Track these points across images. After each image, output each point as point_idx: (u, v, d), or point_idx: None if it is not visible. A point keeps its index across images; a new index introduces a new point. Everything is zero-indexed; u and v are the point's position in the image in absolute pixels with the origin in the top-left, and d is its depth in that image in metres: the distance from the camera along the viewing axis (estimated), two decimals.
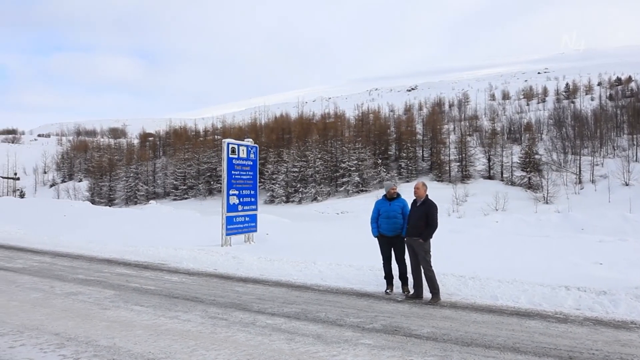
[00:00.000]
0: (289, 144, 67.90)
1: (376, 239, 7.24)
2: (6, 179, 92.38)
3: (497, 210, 41.71)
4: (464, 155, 57.62)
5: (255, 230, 12.80)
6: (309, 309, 5.93)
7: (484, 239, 13.79)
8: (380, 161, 60.59)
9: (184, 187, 70.14)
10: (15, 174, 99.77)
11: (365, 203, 47.10)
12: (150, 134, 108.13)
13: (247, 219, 12.48)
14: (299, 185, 59.08)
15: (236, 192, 12.08)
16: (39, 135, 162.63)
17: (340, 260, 8.87)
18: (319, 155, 61.17)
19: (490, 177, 55.83)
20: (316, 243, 12.34)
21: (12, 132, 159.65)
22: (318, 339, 4.75)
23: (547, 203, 44.17)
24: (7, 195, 74.77)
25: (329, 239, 13.92)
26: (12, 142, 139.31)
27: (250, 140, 13.23)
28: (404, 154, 61.82)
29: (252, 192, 12.76)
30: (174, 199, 68.37)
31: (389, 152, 66.29)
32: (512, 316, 5.75)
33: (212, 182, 67.92)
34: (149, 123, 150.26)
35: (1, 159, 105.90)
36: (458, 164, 57.93)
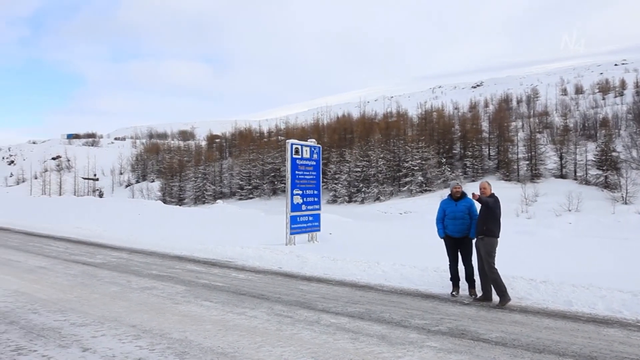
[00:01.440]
0: (351, 144, 67.91)
1: (442, 240, 7.10)
2: (87, 180, 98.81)
3: (570, 210, 39.66)
4: (533, 153, 55.14)
5: (319, 230, 12.91)
6: (373, 309, 5.91)
7: (556, 241, 13.16)
8: (444, 160, 59.25)
9: (249, 187, 71.92)
10: (95, 175, 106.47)
11: (429, 203, 46.26)
12: (217, 136, 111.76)
13: (310, 218, 12.62)
14: (361, 185, 58.95)
15: (300, 192, 12.24)
16: (116, 139, 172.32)
17: (404, 260, 8.76)
18: (382, 155, 60.73)
19: (562, 176, 53.04)
20: (379, 243, 12.27)
21: (92, 135, 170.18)
22: (382, 339, 4.73)
23: (625, 203, 41.44)
24: (88, 195, 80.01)
25: (392, 239, 13.79)
26: (92, 145, 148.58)
27: (314, 140, 13.36)
28: (469, 153, 60.06)
29: (316, 192, 12.88)
30: (240, 199, 70.27)
31: (454, 151, 64.66)
32: (588, 323, 5.46)
33: (276, 182, 69.19)
34: (216, 125, 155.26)
35: (82, 161, 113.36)
36: (527, 162, 55.46)
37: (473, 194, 6.48)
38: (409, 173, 57.48)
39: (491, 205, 6.39)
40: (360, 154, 62.01)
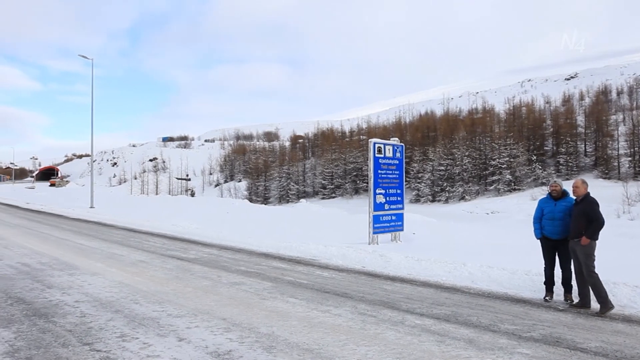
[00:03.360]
0: (435, 142, 66.33)
1: (538, 241, 6.74)
2: (180, 180, 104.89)
3: None
4: (636, 148, 50.62)
5: (402, 229, 12.76)
6: (459, 312, 5.75)
7: None
8: (534, 157, 56.03)
9: (332, 187, 72.58)
10: (187, 175, 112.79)
11: (518, 203, 44.05)
12: (300, 136, 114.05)
13: (393, 217, 12.51)
14: (445, 184, 57.40)
15: (382, 191, 12.17)
16: (206, 141, 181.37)
17: (492, 262, 8.42)
18: (467, 153, 58.72)
19: None
20: (465, 244, 11.90)
21: (184, 138, 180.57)
22: (470, 343, 4.59)
23: None
24: (181, 194, 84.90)
25: (478, 240, 13.31)
26: (184, 147, 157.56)
27: (396, 139, 13.23)
28: (563, 149, 56.27)
29: (399, 191, 12.74)
30: (322, 198, 71.12)
31: (545, 148, 61.01)
32: None
33: (358, 182, 69.25)
34: (299, 126, 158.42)
35: (176, 162, 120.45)
36: (629, 158, 50.97)
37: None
38: (496, 171, 55.02)
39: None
40: (444, 152, 60.38)
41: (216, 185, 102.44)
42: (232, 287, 7.08)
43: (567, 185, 6.47)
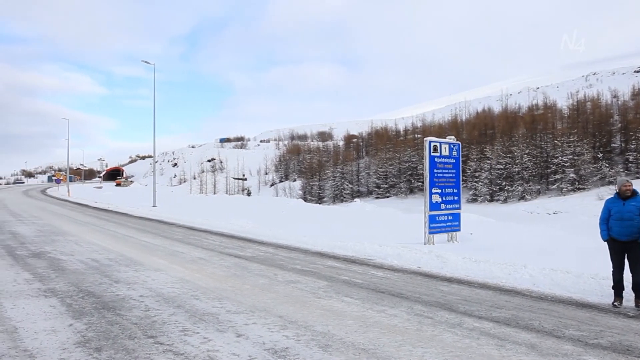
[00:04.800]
0: (493, 140, 64.33)
1: (605, 243, 6.40)
2: (236, 180, 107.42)
3: None
4: None
5: (459, 230, 12.49)
6: (520, 316, 5.56)
7: None
8: (601, 155, 53.17)
9: (386, 186, 72.01)
10: (243, 175, 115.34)
11: (583, 203, 42.03)
12: (354, 136, 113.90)
13: (450, 217, 12.26)
14: (504, 183, 55.56)
15: (439, 191, 11.96)
16: (261, 141, 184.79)
17: (555, 265, 8.09)
18: (527, 151, 56.55)
19: None
20: (525, 245, 11.48)
21: (240, 139, 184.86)
22: (532, 349, 4.43)
23: None
24: (237, 193, 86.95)
25: (539, 241, 12.80)
26: (241, 148, 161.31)
27: (452, 137, 12.95)
28: (632, 146, 53.00)
29: (455, 190, 12.48)
30: (377, 197, 70.72)
31: (612, 145, 57.73)
32: None
33: (412, 181, 68.34)
34: (353, 125, 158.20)
35: (232, 162, 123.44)
36: None
37: None
38: (559, 170, 52.68)
39: None
40: (503, 150, 58.42)
41: (271, 185, 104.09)
42: (288, 285, 7.18)
43: (637, 185, 6.11)
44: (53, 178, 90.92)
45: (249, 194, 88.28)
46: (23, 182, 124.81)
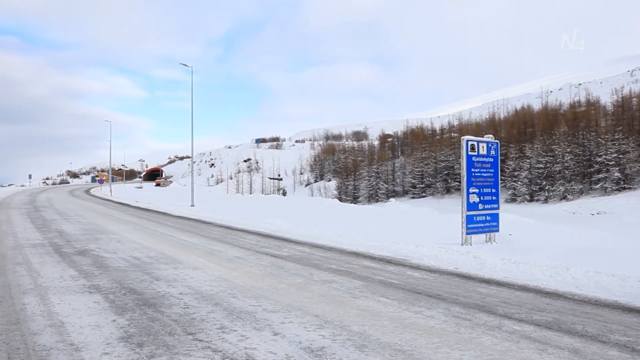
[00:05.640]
0: (532, 138, 62.70)
1: None
2: (272, 180, 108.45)
3: None
4: None
5: (497, 230, 12.23)
6: (562, 319, 5.41)
7: None
8: None
9: (422, 186, 71.25)
10: (279, 175, 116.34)
11: (628, 203, 40.50)
12: (389, 135, 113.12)
13: (488, 218, 12.03)
14: (544, 183, 54.09)
15: (476, 190, 11.75)
16: (296, 141, 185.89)
17: (600, 267, 7.82)
18: (568, 149, 54.86)
19: None
20: (567, 247, 11.13)
21: (276, 139, 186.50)
22: (575, 353, 4.30)
23: None
24: (273, 193, 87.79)
25: (582, 242, 12.41)
26: (276, 148, 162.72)
27: (490, 136, 12.70)
28: None
29: (494, 190, 12.23)
30: (412, 197, 70.04)
31: None
32: None
33: (449, 181, 67.40)
34: (388, 125, 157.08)
35: (268, 162, 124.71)
36: None
37: None
38: (603, 169, 50.87)
39: None
40: (543, 149, 56.87)
41: (306, 185, 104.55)
42: (324, 284, 7.20)
43: None
44: (96, 178, 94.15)
45: (284, 193, 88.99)
46: (68, 183, 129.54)
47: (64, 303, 6.02)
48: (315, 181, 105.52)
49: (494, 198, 12.21)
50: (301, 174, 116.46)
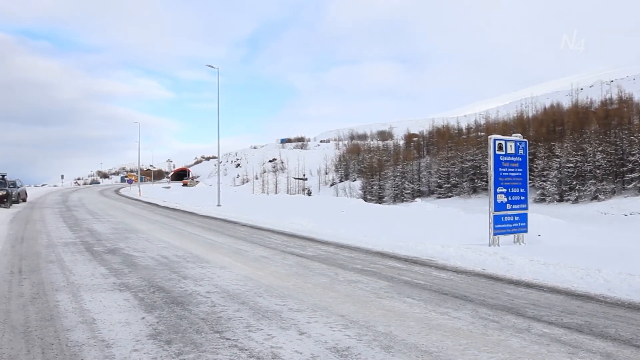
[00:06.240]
0: (562, 137, 61.31)
1: None
2: (297, 180, 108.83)
3: None
4: None
5: (526, 231, 12.02)
6: (593, 322, 5.28)
7: None
8: None
9: (448, 185, 70.49)
10: (304, 175, 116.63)
11: None
12: (415, 135, 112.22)
13: (516, 218, 11.83)
14: (574, 182, 52.86)
15: (504, 190, 11.57)
16: (321, 141, 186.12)
17: (633, 269, 7.61)
18: (600, 148, 53.48)
19: None
20: (598, 247, 10.87)
21: (301, 139, 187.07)
22: (608, 357, 4.19)
23: None
24: (298, 193, 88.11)
25: (614, 243, 12.09)
26: (301, 148, 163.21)
27: (519, 135, 12.48)
28: None
29: (522, 190, 12.02)
30: (438, 197, 69.36)
31: None
32: None
33: (476, 180, 66.49)
34: (413, 124, 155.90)
35: (293, 162, 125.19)
36: None
37: None
38: (636, 168, 49.43)
39: None
40: (573, 148, 55.59)
41: (331, 185, 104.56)
42: (349, 284, 7.19)
43: None
44: (125, 179, 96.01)
45: (309, 193, 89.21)
46: (98, 183, 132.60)
47: (95, 300, 6.16)
48: (340, 181, 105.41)
49: (522, 198, 12.00)
50: (326, 174, 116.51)
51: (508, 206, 11.64)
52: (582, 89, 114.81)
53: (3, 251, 10.60)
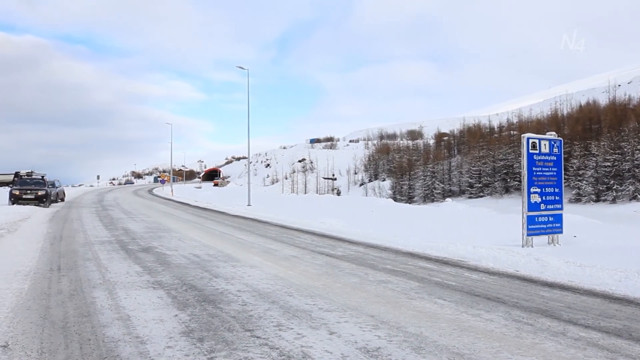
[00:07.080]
0: (598, 135, 59.58)
1: None
2: (326, 179, 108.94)
3: None
4: None
5: (561, 232, 11.73)
6: (633, 327, 5.11)
7: None
8: None
9: (479, 185, 69.37)
10: (333, 175, 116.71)
11: None
12: (445, 134, 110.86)
13: (550, 218, 11.55)
14: (612, 182, 51.27)
15: (538, 190, 11.32)
16: (350, 141, 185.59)
17: None
18: (639, 147, 51.70)
19: None
20: (638, 249, 10.51)
21: (330, 139, 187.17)
22: None
23: None
24: (327, 193, 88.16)
25: None
26: (330, 148, 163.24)
27: (553, 133, 12.19)
28: None
29: (557, 189, 11.73)
30: (470, 197, 68.32)
31: None
32: None
33: (508, 180, 65.22)
34: (443, 123, 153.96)
35: (322, 162, 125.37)
36: None
37: None
38: None
39: None
40: (610, 146, 53.93)
41: (361, 185, 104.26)
42: (379, 285, 7.16)
43: None
44: (158, 179, 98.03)
45: (338, 193, 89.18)
46: (132, 183, 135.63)
47: (130, 298, 6.31)
48: (370, 181, 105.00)
49: (557, 198, 11.72)
50: (355, 173, 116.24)
51: (542, 206, 11.38)
52: (619, 85, 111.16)
53: (43, 249, 10.97)
